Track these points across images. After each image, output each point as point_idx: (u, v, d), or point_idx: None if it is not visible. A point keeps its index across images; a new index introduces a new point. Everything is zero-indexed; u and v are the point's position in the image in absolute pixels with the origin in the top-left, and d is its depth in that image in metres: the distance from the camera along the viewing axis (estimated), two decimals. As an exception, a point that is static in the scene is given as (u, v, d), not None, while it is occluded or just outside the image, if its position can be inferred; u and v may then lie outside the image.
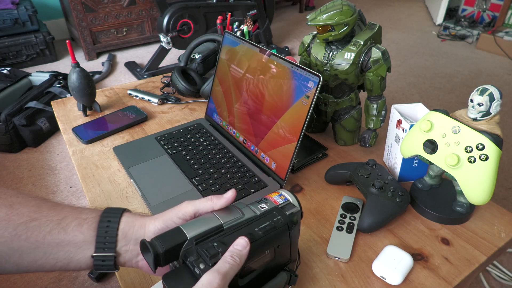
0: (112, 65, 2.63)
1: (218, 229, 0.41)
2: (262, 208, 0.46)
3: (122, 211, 0.45)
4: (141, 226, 0.44)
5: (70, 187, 1.57)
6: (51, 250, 0.41)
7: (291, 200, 0.48)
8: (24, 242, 0.40)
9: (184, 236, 0.40)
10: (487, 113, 0.56)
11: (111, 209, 0.46)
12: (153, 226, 0.44)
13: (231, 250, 0.39)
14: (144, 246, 0.39)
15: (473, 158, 0.56)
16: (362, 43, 0.72)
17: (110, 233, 0.43)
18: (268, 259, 0.43)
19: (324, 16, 0.69)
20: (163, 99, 1.03)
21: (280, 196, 0.48)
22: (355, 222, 0.62)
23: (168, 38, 2.18)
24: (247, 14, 2.55)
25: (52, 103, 1.04)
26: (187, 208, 0.44)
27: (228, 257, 0.38)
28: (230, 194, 0.45)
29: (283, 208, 0.46)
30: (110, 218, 0.44)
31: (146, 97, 1.03)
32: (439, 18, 3.34)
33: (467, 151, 0.56)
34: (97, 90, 1.00)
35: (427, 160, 0.63)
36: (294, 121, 0.68)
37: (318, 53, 0.76)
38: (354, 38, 0.73)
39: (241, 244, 0.39)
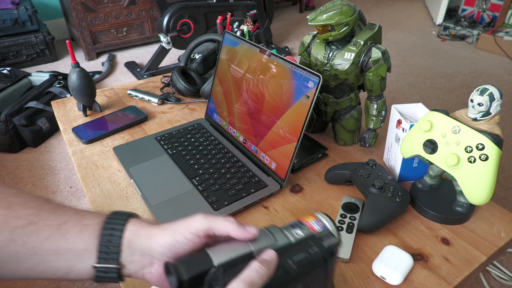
0: (112, 65, 2.63)
1: (248, 257, 0.38)
2: (298, 234, 0.42)
3: (127, 217, 0.41)
4: (148, 236, 0.40)
5: (70, 187, 1.57)
6: (50, 258, 0.38)
7: (330, 228, 0.44)
8: (20, 248, 0.37)
9: (210, 262, 0.37)
10: (487, 113, 0.56)
11: (116, 214, 0.41)
12: (161, 239, 0.40)
13: (259, 259, 0.36)
14: (168, 269, 0.37)
15: (473, 158, 0.56)
16: (362, 43, 0.72)
17: (114, 242, 0.39)
18: None
19: (324, 16, 0.69)
20: (163, 99, 1.03)
21: (318, 222, 0.44)
22: (355, 222, 0.62)
23: (168, 38, 2.18)
24: (247, 14, 2.55)
25: (52, 103, 1.04)
26: (201, 223, 0.40)
27: (255, 265, 0.35)
28: (254, 231, 0.40)
29: (321, 238, 0.41)
30: (114, 225, 0.40)
31: (146, 97, 1.03)
32: (439, 18, 3.34)
33: (467, 151, 0.56)
34: (97, 90, 1.00)
35: (427, 160, 0.63)
36: (294, 121, 0.68)
37: (318, 53, 0.76)
38: (354, 38, 0.73)
39: (269, 255, 0.37)
